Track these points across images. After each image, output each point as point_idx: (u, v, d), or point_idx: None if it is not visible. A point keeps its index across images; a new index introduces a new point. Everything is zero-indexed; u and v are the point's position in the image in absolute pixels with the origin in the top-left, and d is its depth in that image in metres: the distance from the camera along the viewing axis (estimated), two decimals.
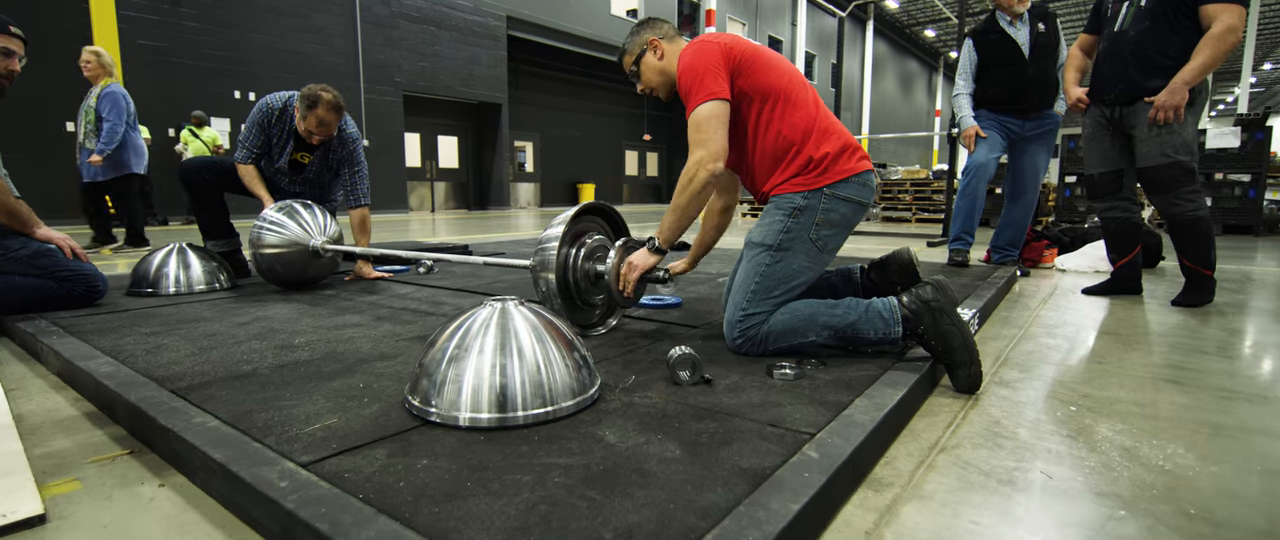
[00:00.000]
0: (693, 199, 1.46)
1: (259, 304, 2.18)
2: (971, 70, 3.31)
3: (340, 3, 10.27)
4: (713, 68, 1.45)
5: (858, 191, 1.53)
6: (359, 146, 2.72)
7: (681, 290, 2.46)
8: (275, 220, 2.41)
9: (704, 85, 1.43)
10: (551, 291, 1.58)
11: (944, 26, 27.49)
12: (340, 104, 2.52)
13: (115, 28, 7.91)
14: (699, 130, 1.43)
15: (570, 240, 1.68)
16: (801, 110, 1.52)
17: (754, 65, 1.50)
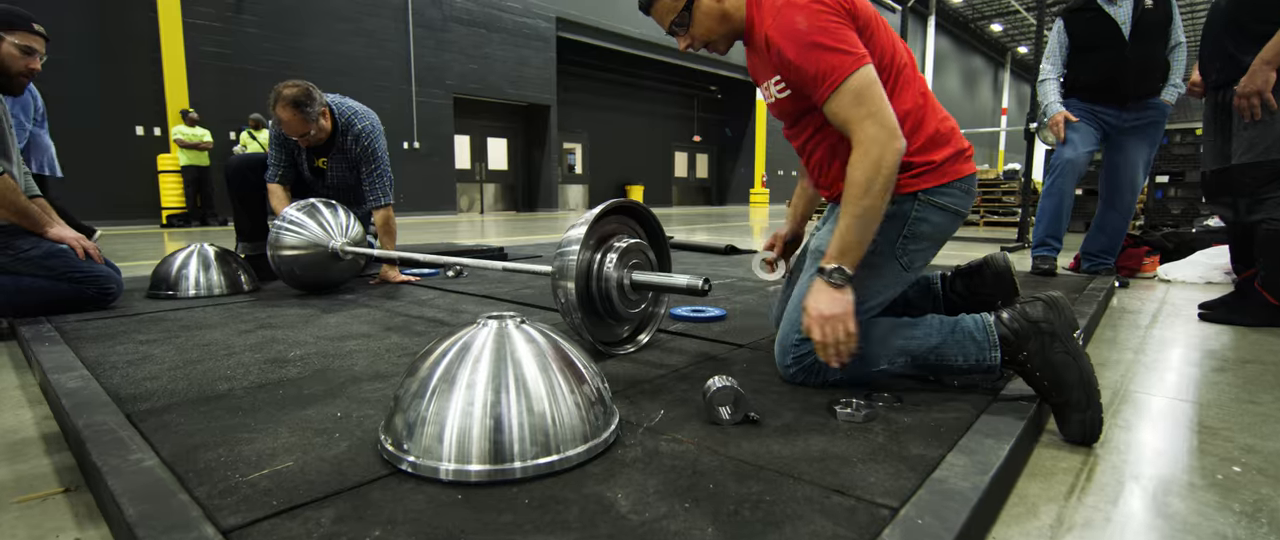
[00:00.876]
0: (883, 193, 1.10)
1: (270, 310, 2.05)
2: (1061, 53, 2.94)
3: (394, 6, 10.41)
4: (845, 26, 1.13)
5: (958, 199, 1.25)
6: (376, 143, 2.55)
7: (726, 299, 2.20)
8: (295, 220, 2.29)
9: (846, 46, 1.10)
10: (571, 303, 1.36)
11: (1012, 20, 26.14)
12: (300, 98, 2.31)
13: (181, 35, 8.19)
14: (862, 102, 1.09)
15: (594, 244, 1.46)
16: (910, 91, 1.22)
17: (876, 28, 1.19)
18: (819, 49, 1.10)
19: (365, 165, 2.56)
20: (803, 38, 1.11)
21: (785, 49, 1.14)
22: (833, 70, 1.10)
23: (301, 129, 2.35)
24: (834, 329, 1.10)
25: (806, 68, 1.12)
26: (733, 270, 3.03)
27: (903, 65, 1.23)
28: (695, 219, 10.41)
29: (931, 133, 1.21)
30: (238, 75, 8.85)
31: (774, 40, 1.15)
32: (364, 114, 2.56)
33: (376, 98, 10.26)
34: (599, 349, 1.44)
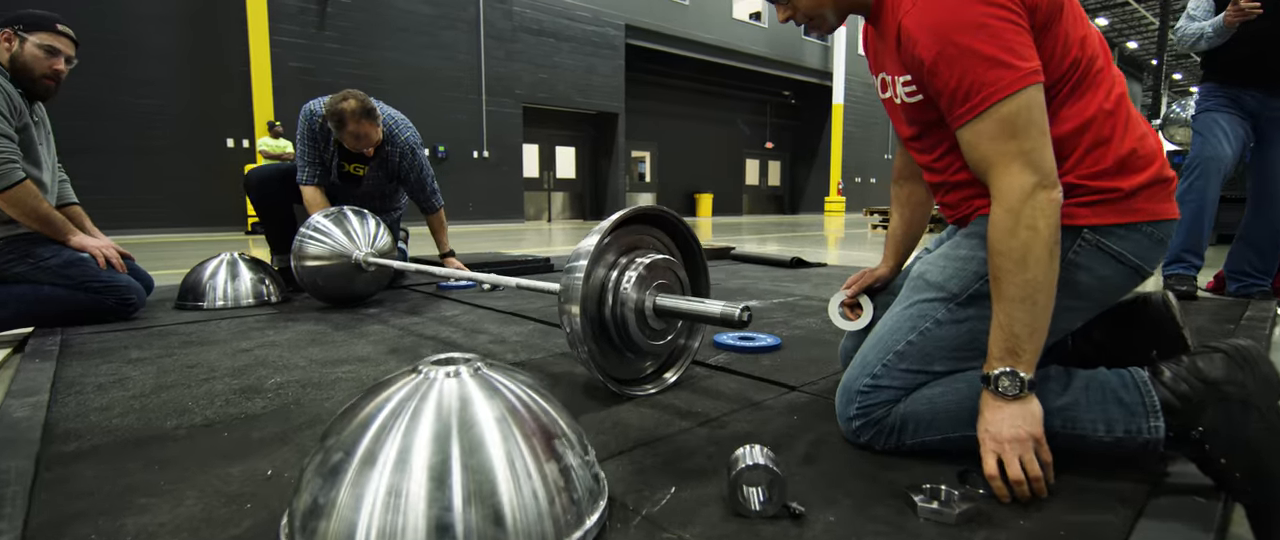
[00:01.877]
0: (1048, 261, 0.78)
1: (282, 325, 1.92)
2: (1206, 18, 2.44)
3: (466, 19, 10.60)
4: (1017, 26, 0.80)
5: (1145, 248, 0.87)
6: (420, 153, 2.45)
7: (784, 322, 1.89)
8: (320, 228, 2.16)
9: (1011, 55, 0.78)
10: (577, 333, 1.11)
11: (1120, 13, 24.04)
12: (367, 106, 2.22)
13: (268, 52, 8.61)
14: (1013, 133, 0.78)
15: (611, 259, 1.21)
16: (1096, 93, 0.87)
17: (1062, 14, 0.85)
18: (971, 57, 0.79)
19: (413, 174, 2.48)
20: (953, 40, 0.79)
21: (924, 49, 0.82)
22: (983, 88, 0.79)
23: (375, 137, 2.30)
24: (1022, 456, 0.77)
25: (948, 79, 0.81)
26: (796, 286, 2.70)
27: (1092, 58, 0.87)
28: (766, 228, 9.99)
29: (1124, 152, 0.85)
30: (320, 88, 9.20)
31: (912, 33, 0.84)
32: (405, 123, 2.46)
33: (448, 108, 10.47)
34: (613, 390, 1.18)
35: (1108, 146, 0.85)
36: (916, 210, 1.21)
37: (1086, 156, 0.85)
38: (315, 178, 2.44)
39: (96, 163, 7.59)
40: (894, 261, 1.21)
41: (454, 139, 10.58)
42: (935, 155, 0.97)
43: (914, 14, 0.84)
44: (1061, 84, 0.85)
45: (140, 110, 7.93)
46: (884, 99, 1.02)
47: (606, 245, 1.21)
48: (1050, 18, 0.84)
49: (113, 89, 7.72)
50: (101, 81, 7.62)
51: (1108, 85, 0.87)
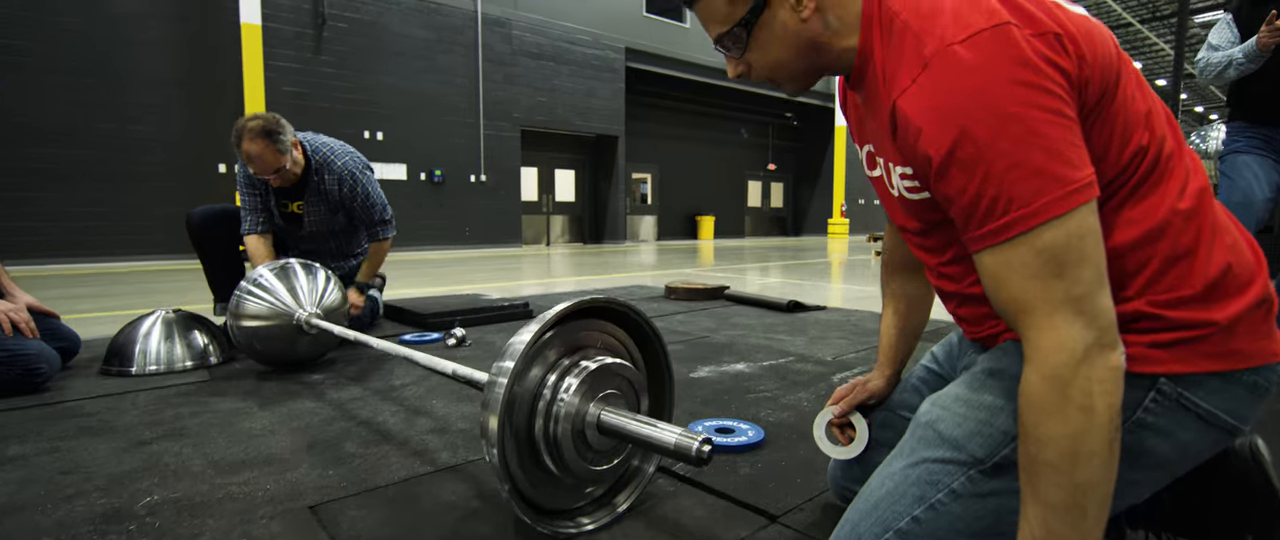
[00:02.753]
0: (1106, 458, 0.57)
1: (206, 399, 1.70)
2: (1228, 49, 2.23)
3: (464, 43, 10.53)
4: (1062, 118, 0.59)
5: (1240, 403, 0.65)
6: (361, 181, 2.24)
7: (771, 400, 1.67)
8: (262, 284, 1.95)
9: (1058, 163, 0.58)
10: (495, 462, 0.89)
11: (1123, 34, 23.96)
12: (270, 126, 2.04)
13: (262, 77, 8.52)
14: (1060, 272, 0.57)
15: (551, 357, 0.99)
16: (1170, 186, 0.65)
17: (1120, 86, 0.64)
18: (1000, 160, 0.58)
19: (358, 201, 2.27)
20: (974, 134, 0.58)
21: (932, 143, 0.61)
22: (1015, 205, 0.58)
23: (274, 163, 2.06)
24: None
25: (965, 187, 0.60)
26: (790, 340, 2.48)
27: (1160, 141, 0.65)
28: (768, 253, 9.77)
29: (1214, 271, 0.63)
30: (315, 113, 9.11)
31: (913, 120, 0.62)
32: (343, 151, 2.25)
33: (445, 132, 10.36)
34: (540, 530, 0.95)
35: (1191, 262, 0.63)
36: (914, 306, 0.98)
37: (1162, 276, 0.63)
38: (259, 226, 2.25)
39: (93, 190, 7.46)
40: (890, 370, 0.98)
41: (450, 163, 10.45)
42: (946, 258, 0.76)
43: (916, 95, 0.62)
44: (1120, 182, 0.64)
45: (134, 137, 7.82)
46: (872, 177, 0.80)
47: (546, 342, 0.99)
48: (1105, 94, 0.62)
49: (108, 117, 7.61)
50: (97, 110, 7.53)
51: (1182, 176, 0.65)
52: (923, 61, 0.62)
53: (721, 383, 1.84)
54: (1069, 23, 0.63)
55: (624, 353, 1.09)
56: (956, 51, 0.60)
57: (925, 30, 0.63)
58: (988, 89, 0.58)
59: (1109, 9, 20.88)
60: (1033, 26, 0.61)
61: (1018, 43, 0.59)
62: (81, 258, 7.30)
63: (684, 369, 1.99)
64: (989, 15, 0.61)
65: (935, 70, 0.61)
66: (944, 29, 0.62)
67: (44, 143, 7.22)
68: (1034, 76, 0.58)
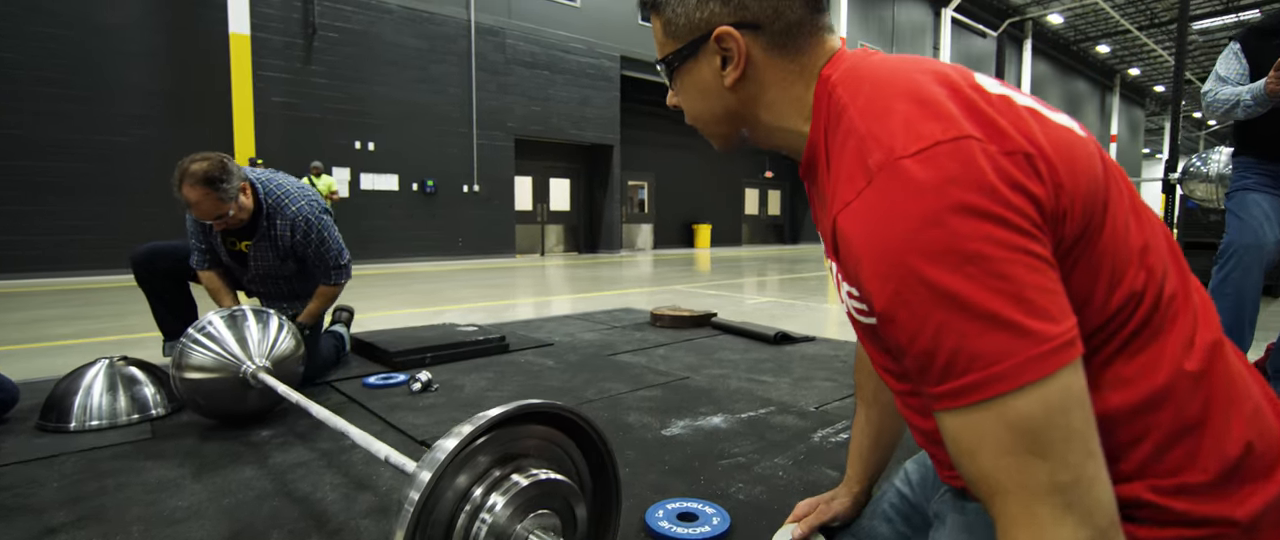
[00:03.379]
0: None
1: (138, 463, 1.59)
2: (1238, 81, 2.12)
3: (458, 52, 10.44)
4: (1022, 242, 0.48)
5: None
6: (316, 228, 2.12)
7: (744, 470, 1.55)
8: (210, 333, 1.84)
9: (1019, 302, 0.46)
10: None
11: (1122, 41, 23.90)
12: (213, 173, 1.91)
13: (251, 87, 8.42)
14: (1042, 451, 0.46)
15: (483, 464, 0.88)
16: (1174, 335, 0.54)
17: (1110, 214, 0.54)
18: (953, 309, 0.47)
19: (310, 248, 2.16)
20: (921, 273, 0.48)
21: (873, 279, 0.51)
22: (977, 364, 0.47)
23: (215, 211, 1.95)
24: None
25: (915, 336, 0.49)
26: (775, 383, 2.36)
27: (1160, 281, 0.55)
28: (766, 262, 9.67)
29: (1233, 451, 0.52)
30: (305, 123, 9.02)
31: (852, 244, 0.53)
32: (299, 194, 2.13)
33: (438, 142, 10.26)
34: None
35: (1201, 437, 0.52)
36: (889, 414, 0.87)
37: (1165, 454, 0.52)
38: (207, 261, 2.14)
39: (80, 203, 7.35)
40: (858, 487, 0.87)
41: (443, 173, 10.35)
42: (910, 388, 0.65)
43: (858, 215, 0.52)
44: (1109, 333, 0.53)
45: (122, 148, 7.71)
46: (835, 280, 0.70)
47: (479, 448, 0.88)
48: (1089, 228, 0.51)
49: (95, 128, 7.51)
50: (84, 121, 7.42)
51: (1188, 325, 0.54)
52: (867, 174, 0.52)
53: (694, 443, 1.72)
54: (1044, 138, 0.52)
55: (568, 464, 0.98)
56: (905, 167, 0.49)
57: (871, 135, 0.53)
58: (941, 219, 0.47)
59: (1105, 15, 20.84)
60: (1000, 142, 0.50)
61: (979, 162, 0.48)
62: (69, 271, 7.19)
63: (656, 424, 1.87)
64: (946, 125, 0.50)
65: (879, 187, 0.50)
66: (893, 136, 0.51)
67: (32, 155, 7.11)
68: (998, 206, 0.47)
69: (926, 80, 0.55)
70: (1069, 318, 0.48)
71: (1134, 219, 0.55)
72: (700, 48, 0.66)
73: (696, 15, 0.65)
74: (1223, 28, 20.67)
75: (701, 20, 0.65)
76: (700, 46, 0.66)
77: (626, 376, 2.44)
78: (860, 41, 17.09)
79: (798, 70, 0.65)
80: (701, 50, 0.66)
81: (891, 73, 0.57)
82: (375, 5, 9.53)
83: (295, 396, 1.59)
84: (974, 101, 0.53)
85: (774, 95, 0.65)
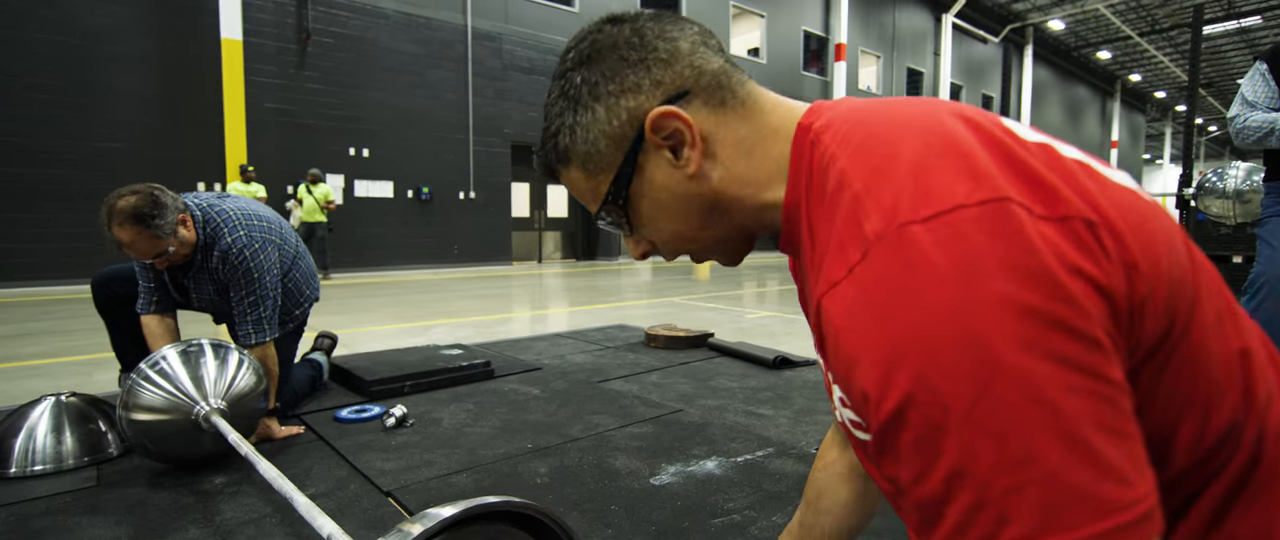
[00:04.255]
0: None
1: (80, 520, 1.45)
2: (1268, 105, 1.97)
3: (454, 58, 10.32)
4: (1087, 361, 0.34)
5: None
6: (252, 261, 1.87)
7: (739, 532, 1.41)
8: (162, 370, 1.70)
9: (1081, 449, 0.32)
10: None
11: (1123, 47, 23.81)
12: (142, 209, 1.68)
13: (243, 93, 8.29)
14: None
15: None
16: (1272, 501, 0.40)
17: (1198, 316, 0.40)
18: (993, 452, 0.33)
19: (235, 289, 1.89)
20: (943, 394, 0.34)
21: (874, 385, 0.37)
22: (1011, 531, 0.33)
23: (151, 250, 1.73)
24: None
25: (925, 476, 0.35)
26: (774, 417, 2.22)
27: (1265, 403, 0.41)
28: (767, 271, 9.53)
29: None
30: (299, 130, 8.89)
31: (841, 336, 0.39)
32: (240, 223, 1.89)
33: (434, 149, 10.14)
34: None
35: None
36: (859, 504, 0.74)
37: None
38: (152, 304, 1.95)
39: (71, 210, 7.21)
40: None
41: (439, 180, 10.22)
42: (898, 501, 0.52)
43: (845, 298, 0.39)
44: (1208, 475, 0.39)
45: (110, 154, 7.57)
46: (825, 381, 0.57)
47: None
48: (1174, 326, 0.38)
49: (85, 134, 7.37)
50: (74, 127, 7.29)
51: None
52: (862, 244, 0.38)
53: (685, 495, 1.58)
54: (1106, 200, 0.38)
55: None
56: (914, 238, 0.36)
57: (869, 192, 0.40)
58: (967, 314, 0.34)
59: (1105, 21, 20.75)
60: (1049, 205, 0.37)
61: (1027, 237, 0.35)
62: (61, 279, 7.04)
63: (645, 470, 1.73)
64: (974, 180, 0.37)
65: (878, 264, 0.37)
66: (897, 193, 0.38)
67: (23, 162, 6.98)
68: (1054, 302, 0.34)
69: (944, 115, 0.42)
70: (1147, 476, 0.34)
71: (1228, 317, 0.42)
72: (639, 155, 0.52)
73: (615, 123, 0.52)
74: (1225, 34, 20.59)
75: (624, 124, 0.52)
76: (638, 154, 0.52)
77: (616, 408, 2.29)
78: (861, 49, 16.99)
79: (761, 124, 0.52)
80: (641, 157, 0.52)
81: (897, 109, 0.44)
82: (371, 10, 9.42)
83: (245, 448, 1.45)
84: (1009, 148, 0.40)
85: (746, 166, 0.52)
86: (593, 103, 0.52)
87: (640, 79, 0.51)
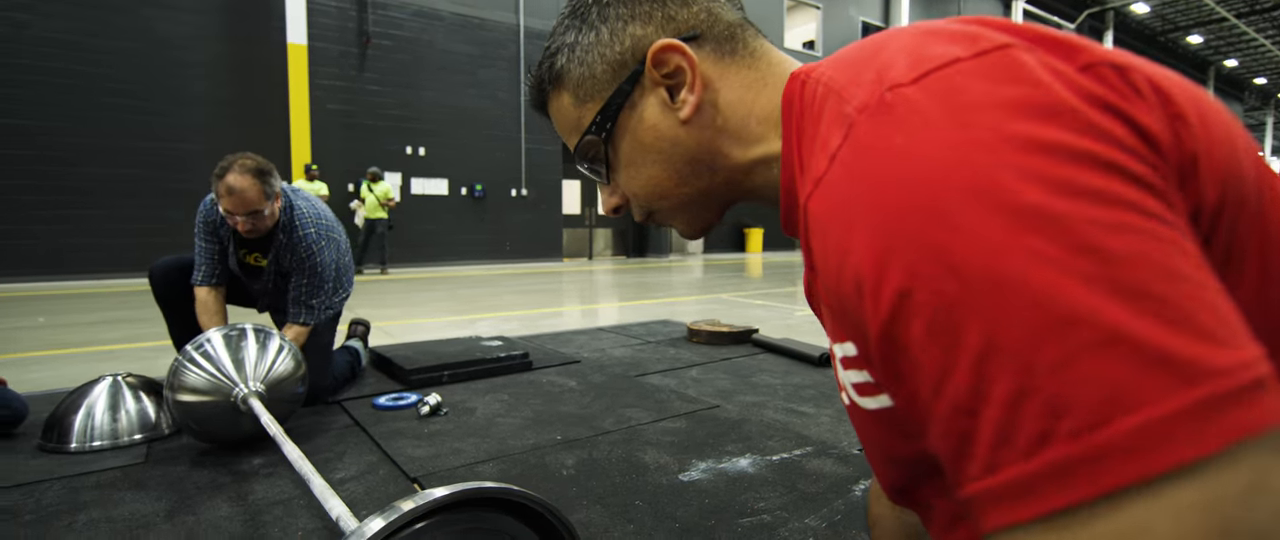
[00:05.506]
0: None
1: (124, 494, 1.50)
2: None
3: (506, 57, 10.48)
4: (1130, 197, 0.26)
5: None
6: (319, 256, 2.05)
7: (767, 533, 1.33)
8: (206, 352, 1.75)
9: (1144, 303, 0.24)
10: None
11: (1216, 30, 22.06)
12: (264, 166, 1.90)
13: (307, 95, 8.65)
14: None
15: None
16: None
17: (1240, 179, 0.32)
18: (1028, 311, 0.24)
19: (301, 275, 2.05)
20: (952, 253, 0.26)
21: (865, 261, 0.29)
22: (1068, 419, 0.23)
23: (256, 203, 1.89)
24: None
25: (947, 372, 0.27)
26: (816, 416, 2.12)
27: None
28: None
29: None
30: (359, 131, 9.22)
31: (826, 224, 0.32)
32: (316, 219, 2.09)
33: (487, 147, 10.33)
34: None
35: None
36: None
37: None
38: (212, 277, 2.08)
39: (139, 208, 7.70)
40: None
41: (491, 178, 10.41)
42: (922, 499, 0.44)
43: (829, 188, 0.32)
44: None
45: (180, 154, 8.03)
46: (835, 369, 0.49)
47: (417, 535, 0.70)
48: (1234, 200, 0.31)
49: (156, 135, 7.84)
50: (146, 129, 7.77)
51: None
52: (844, 125, 0.32)
53: (714, 492, 1.51)
54: (1146, 65, 0.32)
55: None
56: (905, 95, 0.30)
57: (853, 79, 0.34)
58: (973, 159, 0.27)
59: (1198, 3, 19.26)
60: (1067, 54, 0.30)
61: (1035, 75, 0.29)
62: (129, 273, 7.52)
63: (674, 465, 1.67)
64: (972, 41, 0.31)
65: (862, 133, 0.31)
66: (885, 66, 0.32)
67: (95, 162, 7.49)
68: (1074, 135, 0.27)
69: (943, 21, 0.36)
70: (1247, 338, 0.25)
71: None
72: (634, 88, 0.49)
73: (616, 49, 0.49)
74: None
75: (626, 51, 0.49)
76: (634, 86, 0.49)
77: (651, 402, 2.24)
78: None
79: (761, 76, 0.49)
80: (636, 92, 0.49)
81: (892, 31, 0.38)
82: (428, 12, 9.66)
83: (275, 429, 1.47)
84: (1020, 26, 0.33)
85: (741, 116, 0.48)
86: (599, 23, 0.49)
87: (654, 10, 0.49)
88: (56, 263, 7.28)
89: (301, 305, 2.07)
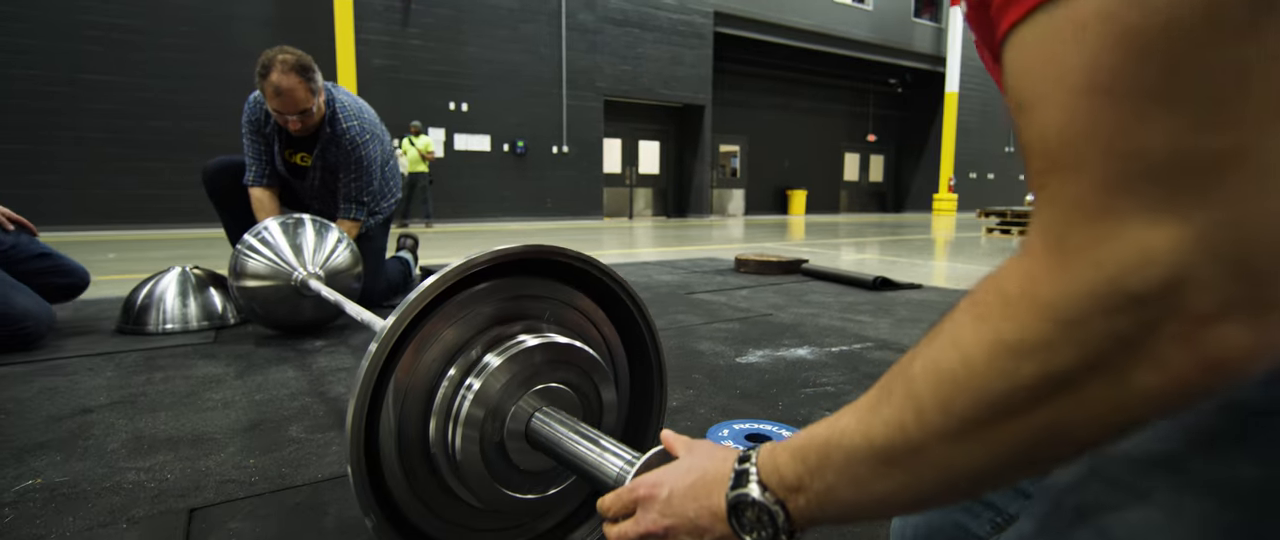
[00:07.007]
0: (988, 431, 0.27)
1: (196, 362, 1.55)
2: None
3: (548, 12, 10.37)
4: None
5: None
6: (365, 150, 2.05)
7: (833, 399, 1.29)
8: (265, 240, 1.79)
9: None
10: (351, 480, 0.60)
11: None
12: (306, 62, 1.89)
13: (353, 51, 8.74)
14: (1171, 97, 0.22)
15: (477, 326, 0.68)
16: None
17: None
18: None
19: (349, 171, 2.06)
20: None
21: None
22: None
23: (303, 103, 1.90)
24: None
25: None
26: (872, 323, 2.05)
27: None
28: (864, 230, 9.05)
29: None
30: (403, 86, 9.30)
31: None
32: (359, 113, 2.07)
33: (528, 103, 10.30)
34: None
35: None
36: None
37: None
38: (264, 177, 2.11)
39: (193, 159, 7.96)
40: None
41: (533, 135, 10.40)
42: None
43: None
44: None
45: (231, 108, 8.23)
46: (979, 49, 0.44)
47: (468, 300, 0.68)
48: None
49: (205, 88, 8.03)
50: (196, 82, 7.98)
51: None
52: None
53: (773, 370, 1.48)
54: None
55: (593, 334, 0.77)
56: None
57: None
58: None
59: None
60: None
61: None
62: (181, 223, 7.81)
63: (730, 352, 1.64)
64: None
65: None
66: None
67: (156, 115, 7.76)
68: None
69: None
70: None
71: None
72: None
73: None
74: None
75: None
76: None
77: (702, 311, 2.21)
78: None
79: None
80: None
81: None
82: None
83: (333, 296, 1.49)
84: None
85: None
86: None
87: None
88: (137, 213, 7.65)
89: (352, 200, 2.09)
